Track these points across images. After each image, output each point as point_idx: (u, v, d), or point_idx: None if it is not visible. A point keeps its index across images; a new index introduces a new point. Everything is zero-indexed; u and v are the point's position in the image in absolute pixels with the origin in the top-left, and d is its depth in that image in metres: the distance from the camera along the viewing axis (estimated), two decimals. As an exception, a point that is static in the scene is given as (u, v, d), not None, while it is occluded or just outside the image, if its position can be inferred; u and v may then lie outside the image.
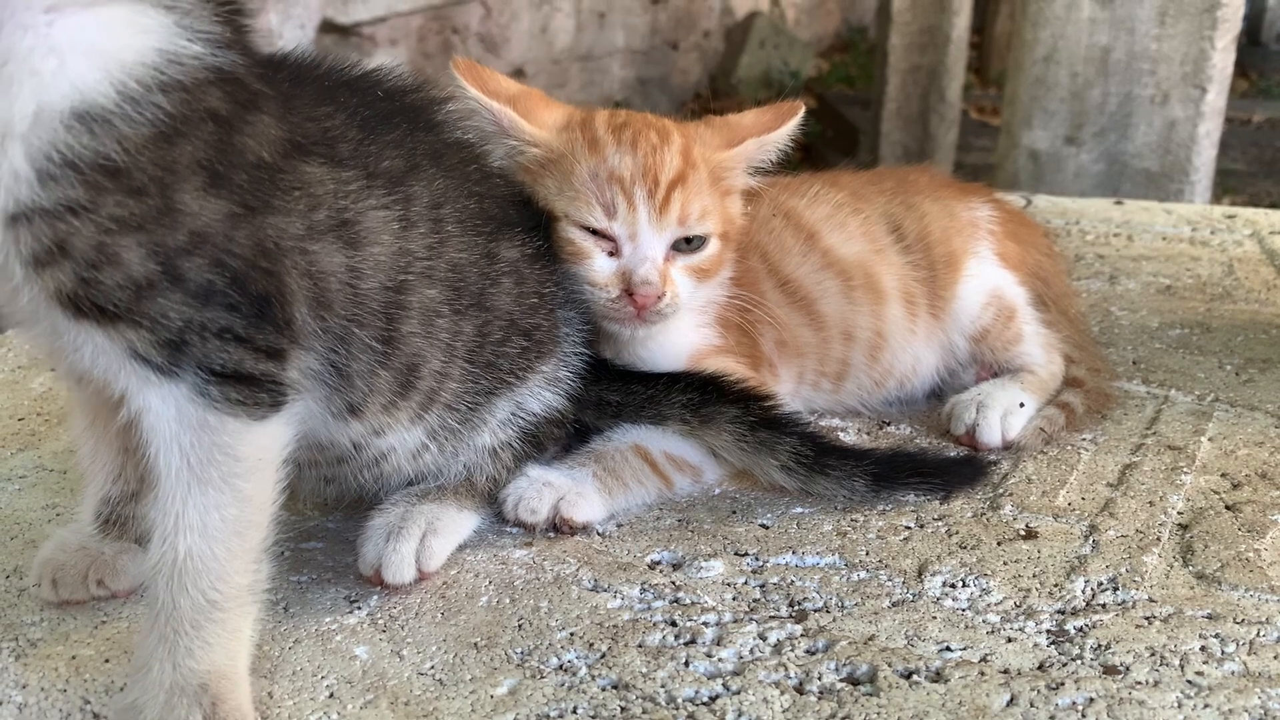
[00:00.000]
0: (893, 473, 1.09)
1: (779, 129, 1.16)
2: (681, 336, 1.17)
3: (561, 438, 1.12)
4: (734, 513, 1.10)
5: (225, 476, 0.78)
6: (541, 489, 1.05)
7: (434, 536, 0.99)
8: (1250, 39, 6.37)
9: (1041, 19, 3.19)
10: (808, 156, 5.48)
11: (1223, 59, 3.07)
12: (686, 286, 1.11)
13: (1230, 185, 4.38)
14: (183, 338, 0.75)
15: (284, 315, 0.80)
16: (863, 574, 1.00)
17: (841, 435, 1.25)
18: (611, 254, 1.09)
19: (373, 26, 4.53)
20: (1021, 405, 1.22)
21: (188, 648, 0.77)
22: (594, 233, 1.09)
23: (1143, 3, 3.08)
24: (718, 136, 1.16)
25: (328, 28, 4.33)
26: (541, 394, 1.05)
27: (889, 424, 1.28)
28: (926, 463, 1.11)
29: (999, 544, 1.04)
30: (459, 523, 1.03)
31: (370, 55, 4.55)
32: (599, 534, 1.06)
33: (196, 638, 0.78)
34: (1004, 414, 1.20)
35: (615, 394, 1.13)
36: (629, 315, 1.09)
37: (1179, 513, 1.10)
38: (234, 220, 0.76)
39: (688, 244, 1.11)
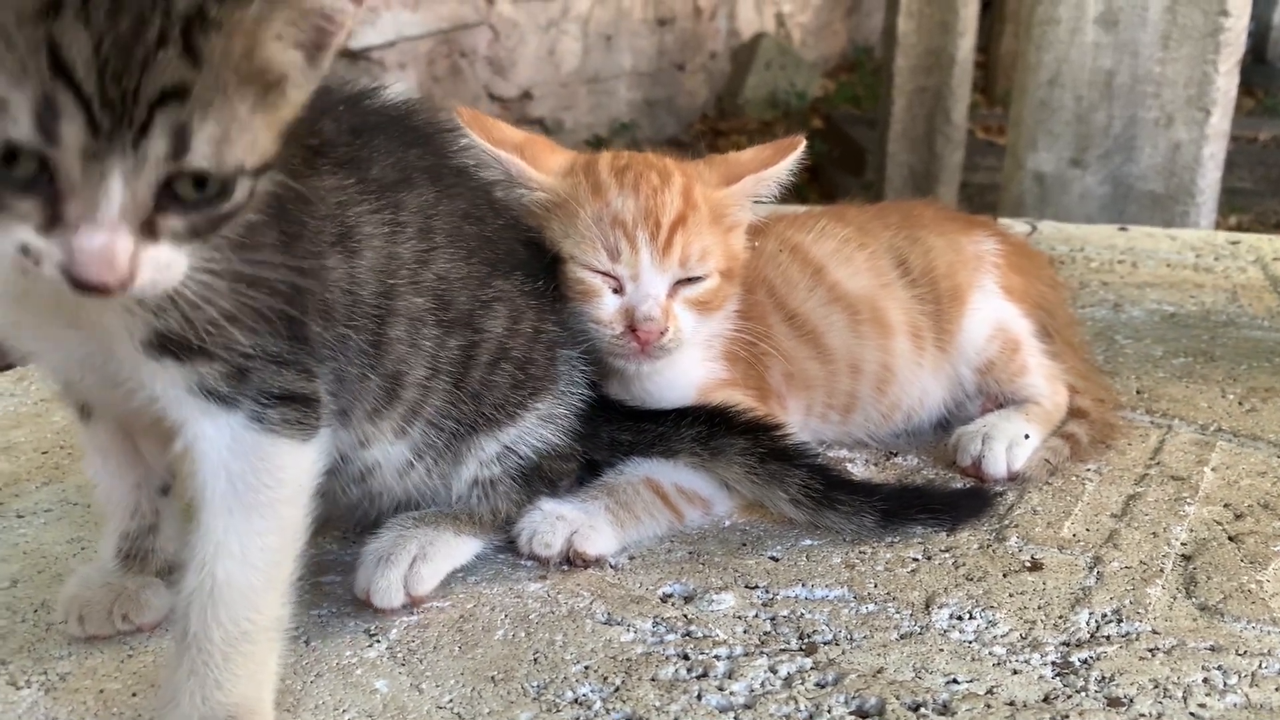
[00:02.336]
0: (901, 508, 1.11)
1: (778, 164, 1.18)
2: (688, 370, 1.19)
3: (573, 473, 1.14)
4: (744, 545, 1.12)
5: (270, 502, 0.80)
6: (555, 523, 1.07)
7: (424, 563, 1.01)
8: (1256, 57, 6.40)
9: (1045, 43, 3.22)
10: (814, 177, 5.51)
11: (1226, 82, 3.09)
12: (689, 321, 1.14)
13: (1237, 204, 4.40)
14: (246, 365, 0.78)
15: (306, 331, 0.83)
16: (871, 606, 1.02)
17: (850, 466, 1.27)
18: (616, 290, 1.12)
19: (382, 51, 4.59)
20: (1026, 437, 1.24)
21: (216, 680, 0.79)
22: (599, 273, 1.12)
23: (1146, 27, 3.11)
24: (717, 174, 1.19)
25: (337, 53, 4.39)
26: (538, 430, 1.07)
27: (896, 455, 1.30)
28: (934, 498, 1.13)
29: (1005, 576, 1.06)
30: (455, 548, 1.05)
31: (380, 79, 4.60)
32: (612, 567, 1.08)
33: (226, 670, 0.80)
34: (1009, 445, 1.22)
35: (627, 433, 1.16)
36: (633, 351, 1.12)
37: (1182, 544, 1.11)
38: (283, 245, 0.79)
39: (689, 280, 1.14)
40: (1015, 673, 0.92)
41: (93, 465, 0.97)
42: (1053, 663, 0.94)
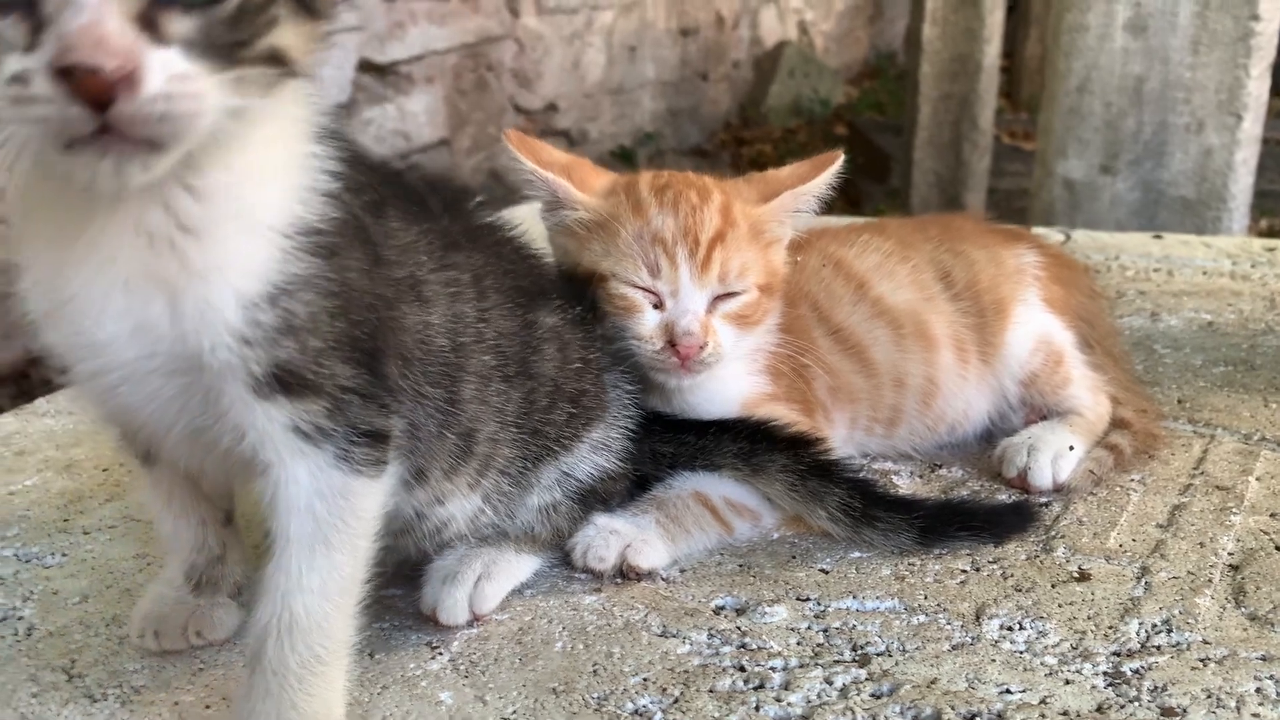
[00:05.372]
0: (940, 525, 1.12)
1: (816, 179, 1.20)
2: (731, 384, 1.21)
3: (624, 490, 1.17)
4: (793, 557, 1.14)
5: (350, 537, 0.83)
6: (609, 537, 1.09)
7: (487, 581, 1.04)
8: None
9: (1074, 50, 3.22)
10: (839, 184, 5.53)
11: (1258, 86, 3.08)
12: (729, 336, 1.16)
13: (1268, 207, 4.37)
14: (343, 400, 0.80)
15: (387, 368, 0.86)
16: (922, 617, 1.03)
17: (895, 479, 1.28)
18: (657, 306, 1.15)
19: (409, 65, 4.64)
20: (1071, 448, 1.25)
21: (292, 702, 0.82)
22: (640, 289, 1.14)
23: (1176, 32, 3.10)
24: (755, 191, 1.21)
25: (365, 67, 4.45)
26: (592, 456, 1.10)
27: (941, 466, 1.31)
28: (975, 514, 1.15)
29: (1053, 586, 1.07)
30: (516, 566, 1.08)
31: (407, 93, 4.66)
32: (663, 579, 1.10)
33: (301, 692, 0.82)
34: (1054, 457, 1.23)
35: (667, 445, 1.18)
36: (674, 365, 1.14)
37: (1229, 553, 1.12)
38: (366, 269, 0.82)
39: (728, 295, 1.16)
40: (1068, 683, 0.94)
41: (156, 508, 0.99)
42: (1104, 673, 0.95)
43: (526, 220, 1.18)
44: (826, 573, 1.11)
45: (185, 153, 0.68)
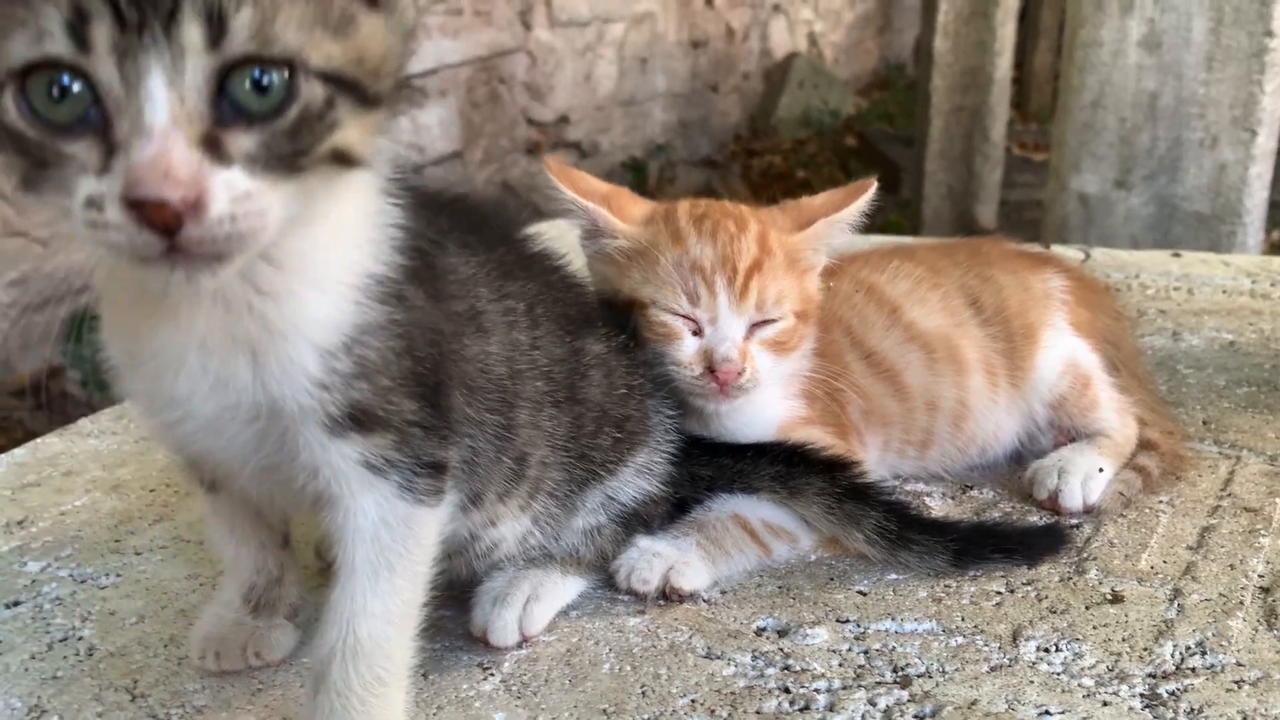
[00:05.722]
0: (975, 547, 1.15)
1: (849, 206, 1.23)
2: (768, 409, 1.24)
3: (665, 512, 1.19)
4: (831, 579, 1.16)
5: (412, 564, 0.86)
6: (652, 559, 1.12)
7: (536, 603, 1.07)
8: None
9: (1088, 65, 3.26)
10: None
11: (1272, 102, 3.11)
12: (766, 362, 1.18)
13: (1280, 220, 4.39)
14: (409, 433, 0.83)
15: (449, 400, 0.88)
16: (960, 639, 1.06)
17: (927, 500, 1.31)
18: (695, 333, 1.17)
19: (423, 78, 4.69)
20: (1101, 470, 1.27)
21: None
22: (680, 316, 1.17)
23: (1190, 48, 3.13)
24: (790, 219, 1.24)
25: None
26: (635, 481, 1.13)
27: (972, 488, 1.34)
28: (1008, 536, 1.17)
29: (1087, 608, 1.10)
30: (562, 587, 1.11)
31: (421, 106, 4.70)
32: (705, 601, 1.13)
33: (363, 713, 0.85)
34: (1084, 479, 1.25)
35: (706, 468, 1.20)
36: (712, 391, 1.17)
37: (1259, 575, 1.14)
38: (429, 304, 0.85)
39: (765, 322, 1.19)
40: (1105, 704, 0.96)
41: (218, 532, 1.02)
42: (1141, 694, 0.97)
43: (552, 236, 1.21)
44: (864, 595, 1.13)
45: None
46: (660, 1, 6.17)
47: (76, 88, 0.60)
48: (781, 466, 1.18)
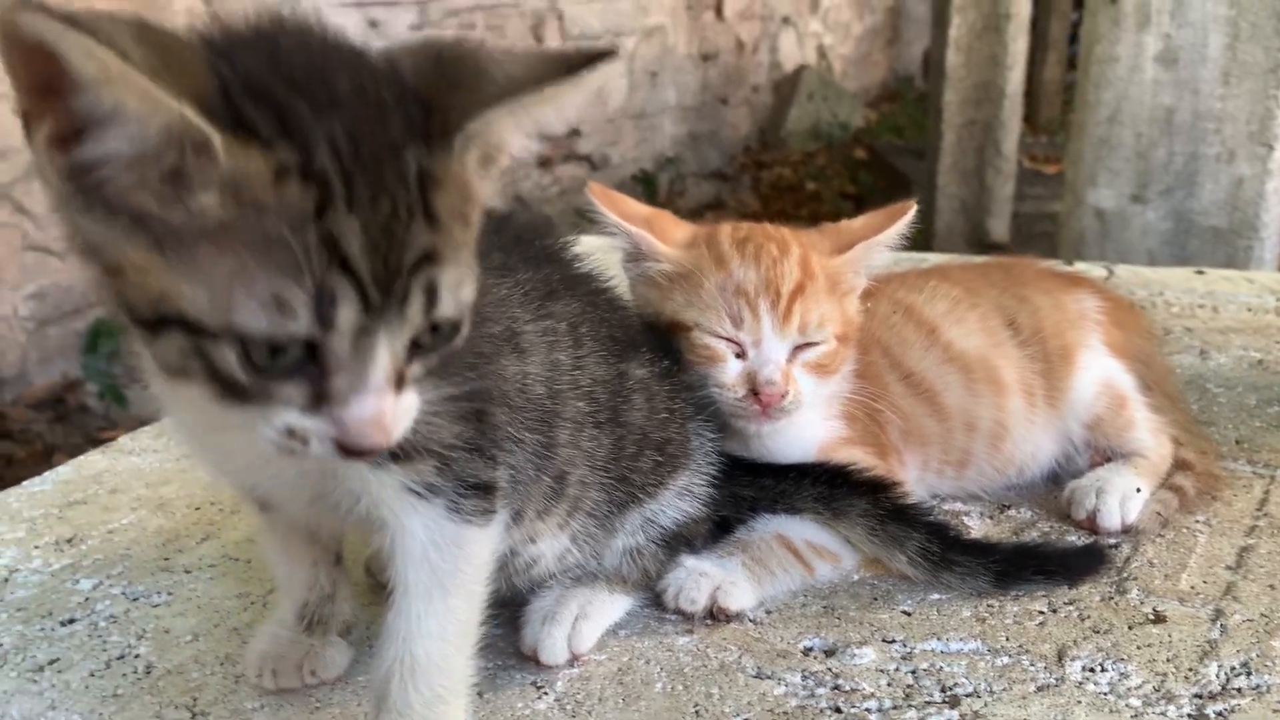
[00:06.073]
0: (1016, 569, 1.16)
1: (888, 229, 1.24)
2: (809, 430, 1.25)
3: (706, 531, 1.21)
4: (875, 599, 1.17)
5: (465, 583, 0.87)
6: (699, 579, 1.13)
7: (584, 621, 1.08)
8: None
9: (1104, 81, 3.28)
10: (859, 208, 5.57)
11: (1288, 117, 3.12)
12: (808, 384, 1.20)
13: (1293, 233, 4.40)
14: (450, 456, 0.85)
15: (494, 420, 0.90)
16: (1006, 659, 1.07)
17: (965, 520, 1.32)
18: (739, 356, 1.19)
19: (437, 92, 4.72)
20: (1138, 490, 1.28)
21: None
22: (723, 338, 1.18)
23: (1206, 64, 3.15)
24: (829, 242, 1.25)
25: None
26: (676, 502, 1.14)
27: (1009, 507, 1.35)
28: (1049, 557, 1.18)
29: (1130, 628, 1.11)
30: (610, 606, 1.12)
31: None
32: (751, 621, 1.14)
33: None
34: (1122, 499, 1.27)
35: (748, 489, 1.22)
36: (755, 413, 1.18)
37: (1299, 596, 1.15)
38: (467, 340, 0.86)
39: (807, 345, 1.20)
40: (1154, 725, 0.97)
41: (272, 551, 1.04)
42: (1188, 715, 0.99)
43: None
44: (909, 614, 1.14)
45: None
46: (671, 15, 6.20)
47: (299, 349, 0.65)
48: (824, 487, 1.20)
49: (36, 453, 3.25)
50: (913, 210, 1.26)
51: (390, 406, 0.68)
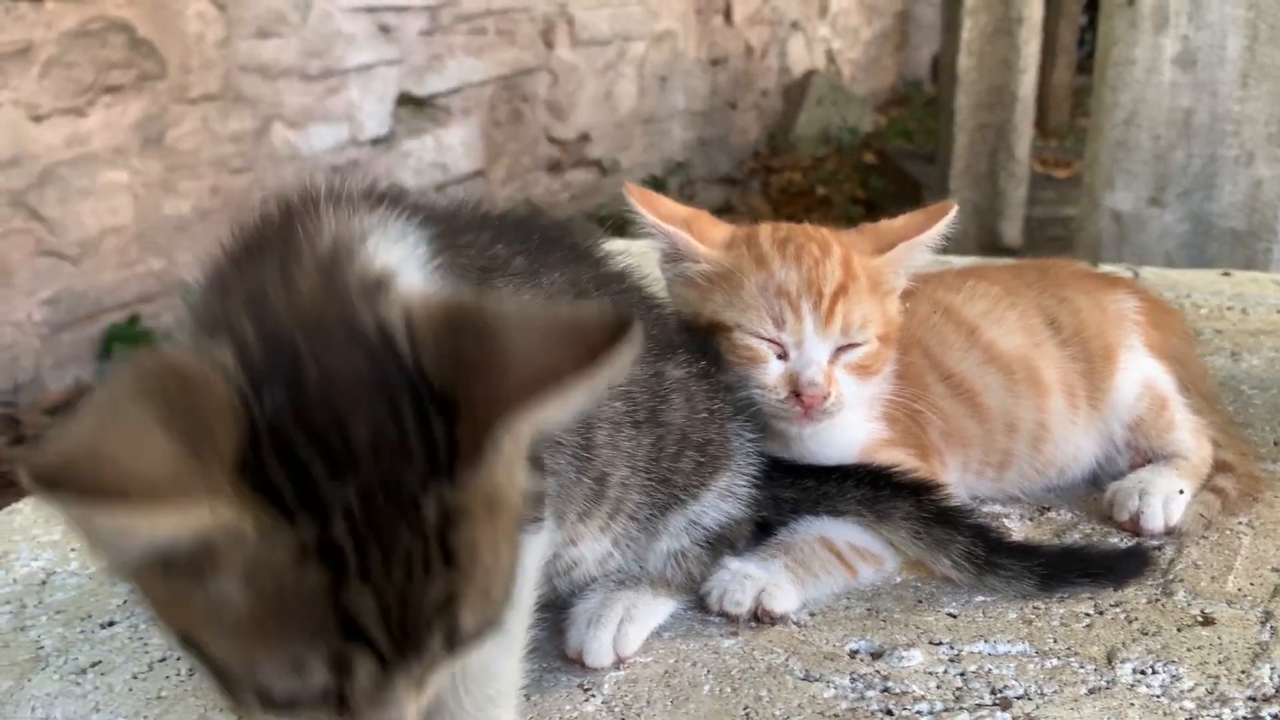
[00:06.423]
0: (1061, 571, 1.15)
1: (930, 229, 1.24)
2: (850, 431, 1.24)
3: (748, 533, 1.20)
4: (920, 601, 1.16)
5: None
6: (743, 581, 1.12)
7: (629, 624, 1.08)
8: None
9: (1121, 83, 3.27)
10: (870, 212, 5.57)
11: (1308, 119, 3.12)
12: (850, 386, 1.19)
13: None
14: None
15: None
16: (1055, 661, 1.06)
17: (1005, 522, 1.31)
18: (780, 357, 1.18)
19: (447, 97, 4.72)
20: (1181, 492, 1.27)
21: None
22: (765, 339, 1.17)
23: (1224, 66, 3.14)
24: (869, 242, 1.24)
25: (405, 100, 4.53)
26: (718, 504, 1.14)
27: (1049, 509, 1.34)
28: (1094, 559, 1.17)
29: (1179, 630, 1.10)
30: (655, 608, 1.11)
31: (445, 125, 4.73)
32: (795, 623, 1.13)
33: None
34: (1165, 501, 1.26)
35: (789, 490, 1.21)
36: (797, 414, 1.18)
37: (1348, 597, 1.14)
38: None
39: (849, 346, 1.19)
40: (1209, 728, 0.96)
41: None
42: (1243, 717, 0.98)
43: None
44: (955, 616, 1.13)
45: None
46: (680, 20, 6.20)
47: (319, 694, 0.65)
48: (867, 489, 1.19)
49: (52, 458, 3.25)
50: (953, 211, 1.25)
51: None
